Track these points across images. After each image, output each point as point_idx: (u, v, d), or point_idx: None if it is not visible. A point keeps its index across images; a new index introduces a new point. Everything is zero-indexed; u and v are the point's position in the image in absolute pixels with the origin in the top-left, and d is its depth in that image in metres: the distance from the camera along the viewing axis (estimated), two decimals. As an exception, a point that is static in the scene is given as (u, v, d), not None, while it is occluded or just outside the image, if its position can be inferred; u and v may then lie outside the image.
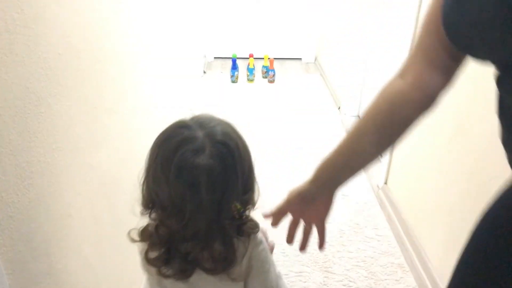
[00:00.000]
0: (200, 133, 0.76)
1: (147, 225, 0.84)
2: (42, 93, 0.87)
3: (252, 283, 0.87)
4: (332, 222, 2.18)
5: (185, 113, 0.84)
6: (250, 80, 3.97)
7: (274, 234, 1.02)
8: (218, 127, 0.78)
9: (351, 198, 2.38)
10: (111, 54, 1.31)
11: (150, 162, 0.78)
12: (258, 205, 0.87)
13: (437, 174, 1.80)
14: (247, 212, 0.84)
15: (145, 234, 0.84)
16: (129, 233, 0.84)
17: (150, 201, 0.80)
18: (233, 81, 3.96)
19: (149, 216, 0.82)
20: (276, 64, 4.18)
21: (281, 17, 4.30)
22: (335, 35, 3.77)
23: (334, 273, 1.88)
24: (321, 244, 1.02)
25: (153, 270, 0.83)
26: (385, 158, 2.37)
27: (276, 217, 0.98)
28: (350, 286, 1.81)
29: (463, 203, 1.58)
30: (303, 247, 1.03)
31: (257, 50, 4.23)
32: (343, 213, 2.25)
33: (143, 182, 0.79)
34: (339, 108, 3.46)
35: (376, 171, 2.52)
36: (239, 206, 0.81)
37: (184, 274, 0.82)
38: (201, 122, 0.78)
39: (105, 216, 1.24)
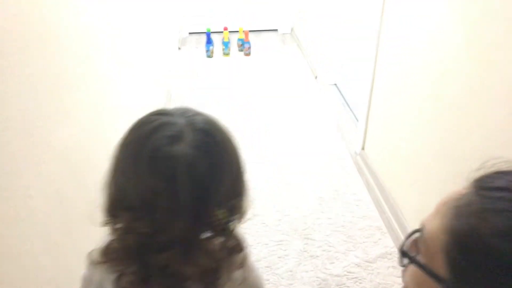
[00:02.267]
0: (180, 120, 0.64)
1: (112, 241, 0.66)
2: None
3: None
4: (312, 190, 2.19)
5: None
6: (226, 54, 3.90)
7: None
8: (201, 116, 0.67)
9: (330, 166, 2.38)
10: (71, 25, 1.26)
11: (118, 153, 0.65)
12: (248, 217, 0.70)
13: (412, 138, 1.81)
14: (231, 224, 0.68)
15: (110, 253, 0.66)
16: (90, 254, 0.67)
17: (115, 204, 0.65)
18: (208, 56, 3.89)
19: (113, 227, 0.66)
20: (252, 36, 4.11)
21: (255, -12, 4.20)
22: (311, 5, 3.71)
23: (314, 239, 1.90)
24: None
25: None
26: (361, 124, 2.38)
27: None
28: (330, 251, 1.84)
29: (438, 164, 1.59)
30: None
31: (232, 23, 4.14)
32: (322, 181, 2.26)
33: (108, 180, 0.66)
34: (316, 77, 3.43)
35: (353, 137, 2.53)
36: (223, 214, 0.64)
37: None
38: (183, 111, 0.67)
39: (73, 196, 1.22)
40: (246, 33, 3.86)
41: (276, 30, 4.44)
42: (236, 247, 0.69)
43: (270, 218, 2.02)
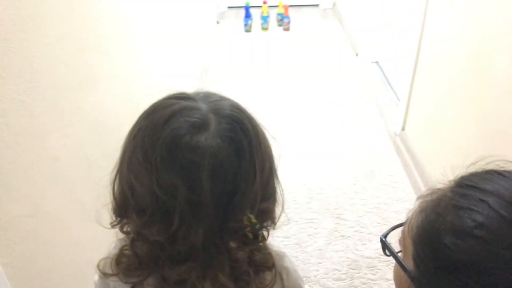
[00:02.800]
0: (203, 105, 0.53)
1: (123, 248, 0.57)
2: (15, 26, 0.81)
3: None
4: (346, 169, 2.12)
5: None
6: (264, 28, 3.81)
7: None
8: (227, 101, 0.56)
9: (367, 145, 2.29)
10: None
11: (127, 143, 0.54)
12: (279, 224, 0.59)
13: (455, 119, 1.69)
14: (263, 231, 0.56)
15: (121, 263, 0.56)
16: (98, 266, 0.57)
17: (123, 206, 0.55)
18: (246, 31, 3.82)
19: (121, 230, 0.56)
20: (291, 11, 3.99)
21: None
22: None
23: (346, 219, 1.83)
24: None
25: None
26: (402, 104, 2.26)
27: None
28: (362, 232, 1.77)
29: (481, 147, 1.48)
30: None
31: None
32: (358, 160, 2.18)
33: (115, 177, 0.55)
34: (357, 54, 3.29)
35: (393, 118, 2.41)
36: (253, 219, 0.53)
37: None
38: (205, 95, 0.56)
39: (101, 161, 1.21)
40: (286, 7, 3.75)
41: (318, 5, 4.29)
42: (265, 263, 0.56)
43: (301, 196, 1.98)
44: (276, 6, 3.86)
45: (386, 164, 2.16)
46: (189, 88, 0.56)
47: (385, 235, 0.53)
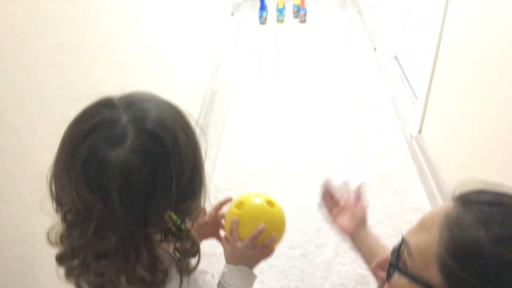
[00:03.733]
0: (125, 117, 0.54)
1: (62, 235, 0.62)
2: None
3: None
4: (359, 174, 2.04)
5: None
6: (280, 21, 3.71)
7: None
8: (153, 111, 0.56)
9: (381, 148, 2.20)
10: None
11: (58, 151, 0.56)
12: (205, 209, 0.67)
13: (475, 125, 1.59)
14: (186, 224, 0.61)
15: (65, 239, 0.61)
16: (47, 233, 0.61)
17: (57, 201, 0.59)
18: (261, 23, 3.72)
19: (64, 219, 0.58)
20: (308, 1, 3.87)
21: None
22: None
23: (355, 230, 1.77)
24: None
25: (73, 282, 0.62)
26: (420, 103, 2.15)
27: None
28: (371, 245, 1.70)
29: (502, 156, 1.38)
30: None
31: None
32: (371, 164, 2.10)
33: (51, 176, 0.57)
34: (375, 49, 3.16)
35: (410, 118, 2.30)
36: (174, 216, 0.58)
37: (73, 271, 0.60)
38: (131, 102, 0.56)
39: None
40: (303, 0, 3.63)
41: (336, -6, 4.15)
42: (191, 250, 0.63)
43: (310, 202, 1.91)
44: (293, -4, 3.75)
45: (400, 169, 2.07)
46: (202, 82, 0.52)
47: (393, 261, 0.54)
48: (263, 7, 3.67)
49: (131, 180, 0.53)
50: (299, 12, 3.67)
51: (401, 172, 2.04)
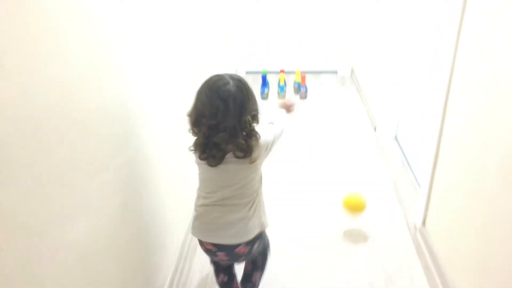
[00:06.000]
0: (227, 76, 1.31)
1: (196, 139, 1.35)
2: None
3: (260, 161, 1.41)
4: (360, 273, 1.94)
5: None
6: (281, 97, 3.77)
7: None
8: (236, 75, 1.34)
9: (383, 242, 2.12)
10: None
11: (199, 93, 1.31)
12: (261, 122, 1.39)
13: (484, 219, 1.52)
14: (254, 124, 1.35)
15: (196, 144, 1.35)
16: (189, 148, 1.37)
17: (197, 118, 1.30)
18: (263, 98, 3.79)
19: (194, 132, 1.34)
20: (309, 77, 3.96)
21: (315, 28, 4.06)
22: (372, 46, 3.49)
23: (359, 338, 1.65)
24: None
25: (197, 156, 1.36)
26: (423, 191, 2.09)
27: None
28: None
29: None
30: None
31: (290, 63, 4.04)
32: (374, 260, 2.00)
33: (191, 110, 1.33)
34: (375, 128, 3.18)
35: (412, 206, 2.24)
36: (249, 119, 1.31)
37: (214, 159, 1.31)
38: (228, 74, 1.33)
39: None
40: (303, 77, 3.71)
41: (336, 72, 4.26)
42: (256, 135, 1.35)
43: (310, 302, 1.81)
44: (294, 72, 3.85)
45: (405, 266, 1.97)
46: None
47: None
48: (265, 83, 3.75)
49: (235, 96, 1.26)
50: (300, 89, 3.74)
51: (406, 270, 1.95)
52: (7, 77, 0.76)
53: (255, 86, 3.97)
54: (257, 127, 1.35)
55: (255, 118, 1.33)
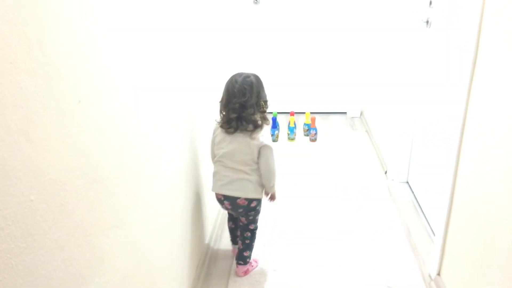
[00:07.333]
0: (245, 73, 1.95)
1: (222, 117, 1.98)
2: None
3: (260, 161, 1.97)
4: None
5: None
6: (291, 139, 3.80)
7: None
8: (246, 75, 1.94)
9: (398, 290, 2.07)
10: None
11: (228, 83, 1.94)
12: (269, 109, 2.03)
13: (502, 270, 1.48)
14: (264, 109, 1.95)
15: (222, 120, 1.97)
16: (215, 120, 2.03)
17: (227, 100, 1.91)
18: (273, 140, 3.81)
19: (221, 113, 1.98)
20: (319, 119, 4.00)
21: (324, 69, 4.14)
22: (382, 87, 3.54)
23: None
24: None
25: (217, 126, 2.02)
26: (438, 240, 2.05)
27: None
28: None
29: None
30: None
31: (300, 104, 4.10)
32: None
33: (222, 96, 1.95)
34: (385, 172, 3.17)
35: (427, 256, 2.20)
36: (263, 103, 1.93)
37: (229, 125, 1.92)
38: (242, 73, 1.95)
39: None
40: (313, 119, 3.75)
41: (345, 113, 4.29)
42: (266, 118, 1.99)
43: None
44: (303, 113, 3.89)
45: (421, 318, 1.92)
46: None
47: None
48: (275, 125, 3.79)
49: (252, 87, 1.90)
50: (310, 131, 3.77)
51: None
52: (34, 148, 0.78)
53: (265, 128, 4.02)
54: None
55: (266, 103, 1.95)
